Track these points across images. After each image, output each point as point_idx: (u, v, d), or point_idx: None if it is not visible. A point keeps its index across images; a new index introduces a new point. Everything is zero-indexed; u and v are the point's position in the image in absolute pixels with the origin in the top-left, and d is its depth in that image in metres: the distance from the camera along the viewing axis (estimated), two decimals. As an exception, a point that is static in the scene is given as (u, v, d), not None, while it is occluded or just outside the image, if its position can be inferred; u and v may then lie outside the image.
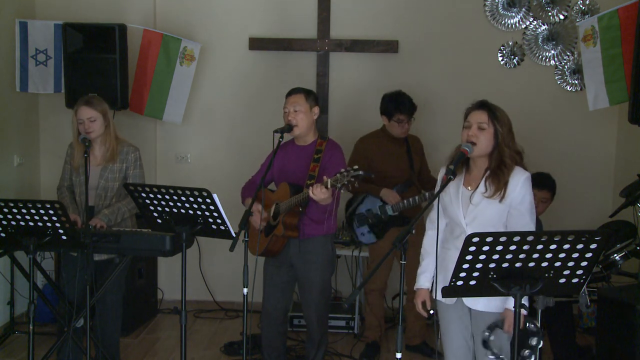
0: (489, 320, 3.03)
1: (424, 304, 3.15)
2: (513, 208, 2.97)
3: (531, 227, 2.97)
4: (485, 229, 2.80)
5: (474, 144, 2.97)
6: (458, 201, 3.04)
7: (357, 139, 4.87)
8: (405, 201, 4.57)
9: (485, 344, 3.04)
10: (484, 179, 3.01)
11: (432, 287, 3.13)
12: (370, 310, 4.90)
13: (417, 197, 4.55)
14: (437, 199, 2.96)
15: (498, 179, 2.96)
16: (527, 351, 3.08)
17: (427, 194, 4.51)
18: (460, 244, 2.35)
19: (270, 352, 4.12)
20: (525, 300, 2.98)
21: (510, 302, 2.88)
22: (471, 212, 3.01)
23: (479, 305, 3.03)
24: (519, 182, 2.96)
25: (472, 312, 3.09)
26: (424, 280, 3.16)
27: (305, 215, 3.86)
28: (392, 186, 4.64)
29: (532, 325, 3.10)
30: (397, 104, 4.65)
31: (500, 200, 2.96)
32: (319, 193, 3.52)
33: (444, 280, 2.74)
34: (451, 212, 3.07)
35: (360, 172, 3.36)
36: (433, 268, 3.09)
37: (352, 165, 4.68)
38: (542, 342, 3.15)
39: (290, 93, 3.96)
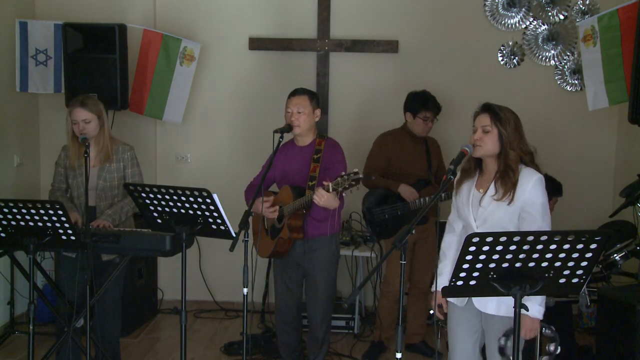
0: (499, 323, 2.97)
1: (440, 306, 3.12)
2: (524, 211, 2.91)
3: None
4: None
5: (479, 147, 2.97)
6: (469, 203, 3.04)
7: (378, 135, 4.83)
8: (422, 199, 4.56)
9: (502, 350, 2.98)
10: (493, 181, 2.99)
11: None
12: (381, 311, 4.82)
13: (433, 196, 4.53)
14: (437, 199, 2.95)
15: (506, 181, 2.92)
16: (545, 357, 3.07)
17: (443, 194, 4.49)
18: None
19: (286, 349, 4.20)
20: (536, 302, 2.90)
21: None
22: (481, 214, 2.99)
23: (488, 309, 2.98)
24: (529, 184, 2.89)
25: (483, 315, 3.04)
26: (441, 283, 3.08)
27: (310, 215, 3.87)
28: (409, 183, 4.62)
29: (549, 331, 3.07)
30: (425, 101, 4.65)
31: (509, 203, 2.91)
32: (322, 197, 3.53)
33: None
34: (463, 214, 3.07)
35: (361, 176, 3.37)
36: (450, 270, 3.04)
37: (371, 159, 4.75)
38: (559, 348, 3.12)
39: (294, 93, 3.94)
